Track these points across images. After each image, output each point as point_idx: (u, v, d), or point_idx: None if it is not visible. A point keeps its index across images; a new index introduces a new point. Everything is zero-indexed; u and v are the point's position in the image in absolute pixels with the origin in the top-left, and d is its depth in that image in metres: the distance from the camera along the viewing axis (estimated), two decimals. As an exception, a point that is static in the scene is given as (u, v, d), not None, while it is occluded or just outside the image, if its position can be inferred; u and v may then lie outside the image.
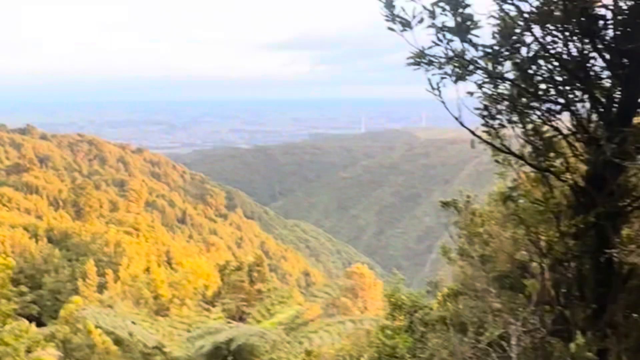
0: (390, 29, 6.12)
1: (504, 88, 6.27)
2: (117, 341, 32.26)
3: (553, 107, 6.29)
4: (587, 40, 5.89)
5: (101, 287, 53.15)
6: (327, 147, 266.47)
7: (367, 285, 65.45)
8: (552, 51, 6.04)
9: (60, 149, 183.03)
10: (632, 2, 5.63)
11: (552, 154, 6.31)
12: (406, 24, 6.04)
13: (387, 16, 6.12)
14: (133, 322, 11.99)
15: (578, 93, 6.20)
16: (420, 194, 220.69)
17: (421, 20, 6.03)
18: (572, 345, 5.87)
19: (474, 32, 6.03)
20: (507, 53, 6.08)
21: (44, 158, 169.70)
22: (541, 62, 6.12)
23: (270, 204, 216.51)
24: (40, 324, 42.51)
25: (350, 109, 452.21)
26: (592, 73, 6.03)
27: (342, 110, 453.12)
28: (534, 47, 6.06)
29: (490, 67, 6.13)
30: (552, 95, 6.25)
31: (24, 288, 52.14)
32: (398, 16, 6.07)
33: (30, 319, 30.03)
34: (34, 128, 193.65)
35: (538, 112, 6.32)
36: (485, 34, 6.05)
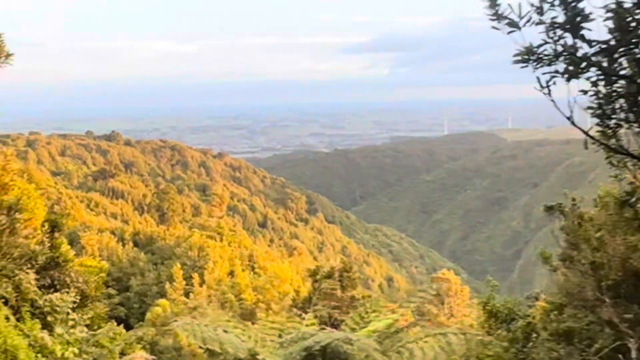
0: (495, 28, 5.94)
1: (620, 85, 5.99)
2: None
3: (675, 105, 5.96)
4: None
5: (187, 291, 54.43)
6: (409, 150, 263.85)
7: (453, 292, 64.43)
8: (675, 45, 5.73)
9: (144, 155, 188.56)
10: None
11: (674, 155, 5.98)
12: (513, 24, 5.86)
13: (491, 16, 5.94)
14: (225, 331, 12.14)
15: (703, 89, 5.84)
16: (506, 197, 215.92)
17: (529, 20, 5.83)
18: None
19: (586, 27, 5.79)
20: (623, 49, 5.80)
21: (129, 164, 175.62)
22: (662, 57, 5.81)
23: (351, 208, 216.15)
24: (127, 326, 43.96)
25: (432, 111, 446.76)
26: None
27: (424, 113, 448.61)
28: (654, 41, 5.76)
29: (605, 63, 5.87)
30: (674, 92, 5.91)
31: (112, 290, 54.13)
32: (503, 15, 5.88)
33: (118, 320, 31.05)
34: (118, 134, 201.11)
35: (659, 111, 5.99)
36: (601, 29, 5.80)
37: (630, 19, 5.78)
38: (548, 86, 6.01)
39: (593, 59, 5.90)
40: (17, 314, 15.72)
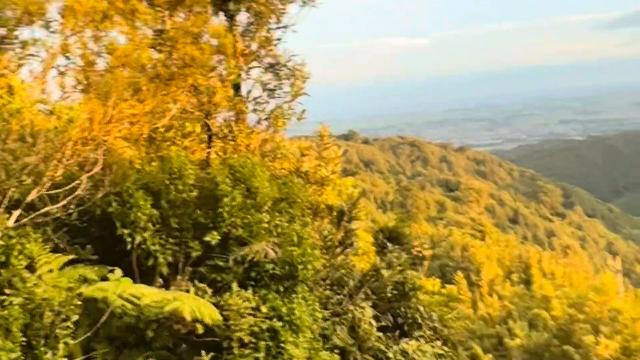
0: None
1: None
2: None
3: None
4: None
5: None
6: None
7: None
8: None
9: (383, 152, 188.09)
10: None
11: None
12: None
13: None
14: None
15: None
16: None
17: None
18: None
19: None
20: None
21: (369, 162, 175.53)
22: None
23: (613, 200, 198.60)
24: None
25: None
26: None
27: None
28: None
29: None
30: None
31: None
32: None
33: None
34: (356, 133, 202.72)
35: None
36: None
37: None
38: None
39: None
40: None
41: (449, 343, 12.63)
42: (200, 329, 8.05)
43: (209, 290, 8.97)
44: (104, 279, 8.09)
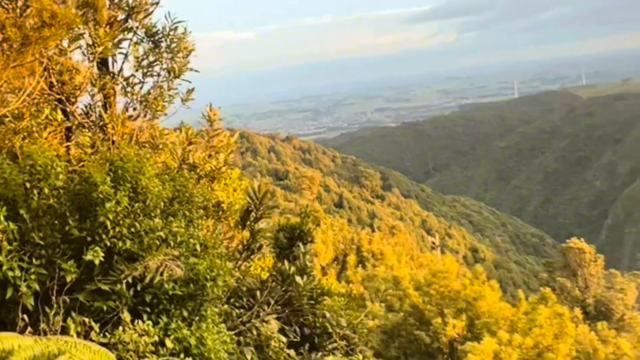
0: None
1: None
2: None
3: None
4: None
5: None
6: (479, 117, 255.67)
7: (586, 262, 57.50)
8: None
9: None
10: None
11: None
12: None
13: None
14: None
15: None
16: (588, 156, 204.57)
17: None
18: None
19: None
20: None
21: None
22: None
23: (425, 181, 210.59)
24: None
25: (500, 75, 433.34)
26: None
27: (492, 77, 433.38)
28: None
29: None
30: None
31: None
32: None
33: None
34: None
35: None
36: None
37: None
38: None
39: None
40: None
41: (365, 352, 11.38)
42: (91, 379, 6.44)
43: (96, 326, 6.82)
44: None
